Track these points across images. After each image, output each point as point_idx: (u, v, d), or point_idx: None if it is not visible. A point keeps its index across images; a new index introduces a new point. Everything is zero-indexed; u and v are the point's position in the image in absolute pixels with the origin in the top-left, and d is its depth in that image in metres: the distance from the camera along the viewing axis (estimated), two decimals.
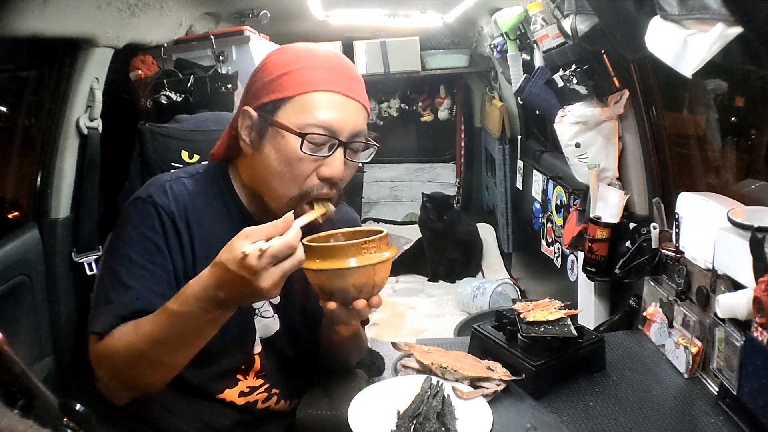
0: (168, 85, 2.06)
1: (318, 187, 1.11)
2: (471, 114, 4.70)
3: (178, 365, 1.06)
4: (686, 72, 0.94)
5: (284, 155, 1.09)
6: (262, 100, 1.12)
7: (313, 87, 1.09)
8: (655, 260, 1.61)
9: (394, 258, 1.07)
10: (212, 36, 2.31)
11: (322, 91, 1.09)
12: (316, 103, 1.09)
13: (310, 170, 1.10)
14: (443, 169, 4.95)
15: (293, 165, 1.09)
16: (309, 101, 1.09)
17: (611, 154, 1.87)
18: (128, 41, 1.96)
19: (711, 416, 1.23)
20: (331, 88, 1.10)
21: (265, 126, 1.11)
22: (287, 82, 1.10)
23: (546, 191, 2.78)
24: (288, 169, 1.10)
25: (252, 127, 1.13)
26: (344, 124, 1.10)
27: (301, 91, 1.09)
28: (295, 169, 1.09)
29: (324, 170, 1.10)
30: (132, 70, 2.17)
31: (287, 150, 1.09)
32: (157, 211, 1.13)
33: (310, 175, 1.10)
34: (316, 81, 1.10)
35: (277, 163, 1.10)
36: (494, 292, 3.31)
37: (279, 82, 1.10)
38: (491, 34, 2.94)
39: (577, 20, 1.58)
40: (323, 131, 1.08)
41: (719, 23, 0.87)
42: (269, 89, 1.11)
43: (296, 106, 1.09)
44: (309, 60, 1.12)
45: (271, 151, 1.11)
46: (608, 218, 1.82)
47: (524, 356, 1.34)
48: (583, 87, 1.87)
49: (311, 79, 1.10)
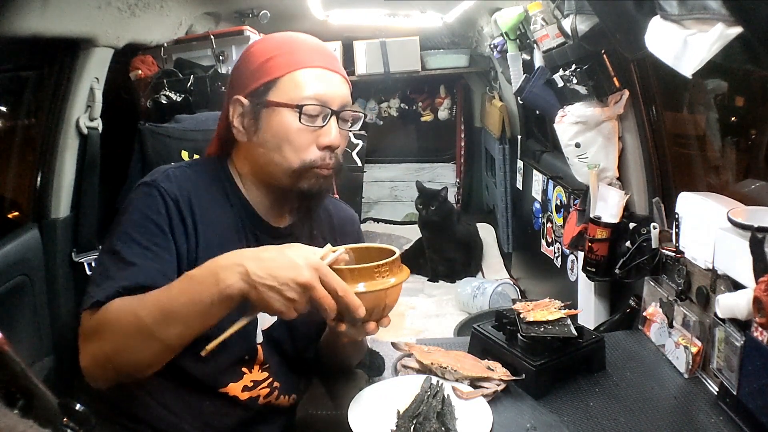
0: (168, 85, 2.06)
1: (320, 158, 1.17)
2: (471, 114, 4.70)
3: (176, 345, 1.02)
4: (686, 72, 0.94)
5: (282, 130, 1.15)
6: (252, 86, 1.17)
7: (298, 65, 1.16)
8: (655, 260, 1.61)
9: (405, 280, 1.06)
10: (212, 36, 2.32)
11: (307, 67, 1.16)
12: (305, 79, 1.16)
13: (309, 141, 1.16)
14: (443, 169, 4.95)
15: (292, 138, 1.15)
16: (298, 78, 1.15)
17: (611, 154, 1.87)
18: (128, 41, 1.96)
19: (711, 416, 1.23)
20: (315, 64, 1.17)
21: (258, 109, 1.16)
22: (273, 65, 1.16)
23: (546, 191, 2.78)
24: (287, 142, 1.15)
25: (244, 114, 1.18)
26: (333, 95, 1.17)
27: (288, 70, 1.16)
28: (294, 142, 1.15)
29: (323, 139, 1.16)
30: (132, 70, 2.17)
31: (285, 124, 1.15)
32: (162, 195, 1.14)
33: (310, 146, 1.16)
34: (300, 60, 1.17)
35: (276, 139, 1.16)
36: (494, 292, 3.31)
37: (265, 67, 1.17)
38: (491, 34, 2.94)
39: (577, 20, 1.58)
40: (315, 102, 1.15)
41: (719, 23, 0.87)
42: (257, 75, 1.17)
43: (286, 84, 1.15)
44: (289, 44, 1.20)
45: (268, 129, 1.16)
46: (608, 218, 1.82)
47: (524, 356, 1.34)
48: (583, 87, 1.87)
49: (296, 59, 1.17)
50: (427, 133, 4.93)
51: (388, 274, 1.02)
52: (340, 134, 1.20)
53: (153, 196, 1.14)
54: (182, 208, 1.15)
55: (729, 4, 0.85)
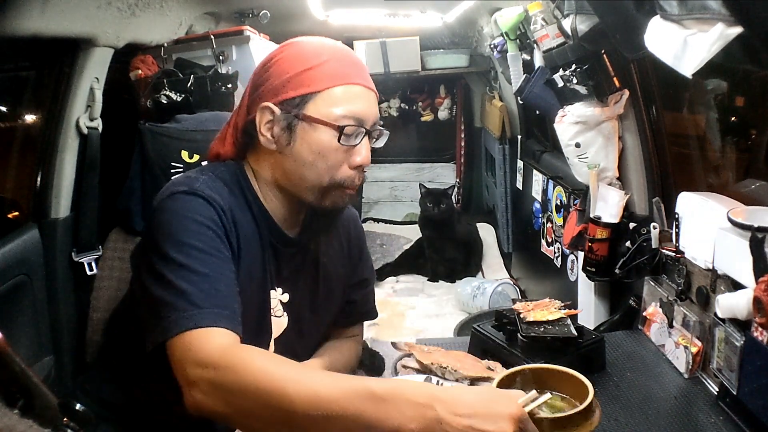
0: (168, 84, 2.06)
1: (350, 179, 1.16)
2: (471, 114, 4.70)
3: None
4: (686, 72, 0.94)
5: (318, 147, 1.12)
6: (287, 95, 1.13)
7: (339, 81, 1.13)
8: (655, 260, 1.61)
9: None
10: (212, 36, 2.31)
11: (347, 84, 1.13)
12: (345, 96, 1.13)
13: (342, 160, 1.14)
14: (443, 169, 4.94)
15: (327, 156, 1.13)
16: (338, 94, 1.12)
17: (611, 154, 1.87)
18: (128, 41, 1.96)
19: (711, 416, 1.23)
20: (353, 80, 1.14)
21: (292, 120, 1.12)
22: (312, 77, 1.12)
23: (546, 191, 2.78)
24: (321, 160, 1.13)
25: (275, 122, 1.14)
26: (368, 114, 1.15)
27: (329, 85, 1.12)
28: (329, 160, 1.13)
29: (356, 159, 1.15)
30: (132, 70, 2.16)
31: (321, 142, 1.12)
32: (208, 203, 1.09)
33: (342, 165, 1.14)
34: (340, 74, 1.13)
35: (309, 155, 1.13)
36: (494, 292, 3.31)
37: (303, 77, 1.12)
38: (491, 34, 2.93)
39: (577, 20, 1.58)
40: (354, 122, 1.13)
41: (719, 23, 0.87)
42: (293, 84, 1.13)
43: (326, 99, 1.12)
44: (329, 54, 1.15)
45: (303, 143, 1.13)
46: (608, 218, 1.82)
47: (524, 356, 1.34)
48: (583, 87, 1.87)
49: (336, 73, 1.13)
50: (427, 133, 4.93)
51: (584, 421, 0.94)
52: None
53: (200, 203, 1.08)
54: (227, 218, 1.11)
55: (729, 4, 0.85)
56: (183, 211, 1.07)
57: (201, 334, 0.96)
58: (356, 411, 0.84)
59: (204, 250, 1.04)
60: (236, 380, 0.90)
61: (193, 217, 1.06)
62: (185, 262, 1.02)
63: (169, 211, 1.08)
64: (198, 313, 0.98)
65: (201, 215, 1.07)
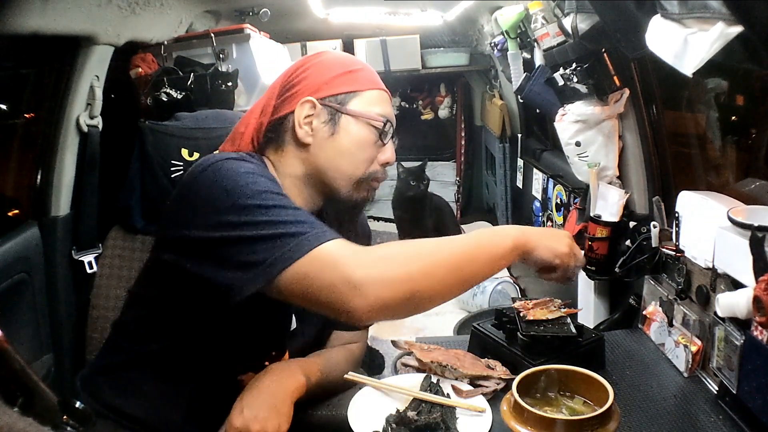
0: (168, 82, 2.06)
1: (379, 171, 1.28)
2: (471, 112, 4.70)
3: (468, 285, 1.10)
4: (687, 71, 0.94)
5: (359, 139, 1.23)
6: (331, 92, 1.23)
7: (375, 85, 1.27)
8: (655, 259, 1.60)
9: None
10: (212, 34, 2.31)
11: (380, 89, 1.28)
12: (379, 99, 1.27)
13: (374, 155, 1.26)
14: (443, 168, 4.94)
15: (366, 149, 1.24)
16: (375, 96, 1.26)
17: (611, 152, 1.87)
18: (128, 39, 1.96)
19: (710, 415, 1.23)
20: (382, 87, 1.30)
21: (336, 114, 1.22)
22: (355, 78, 1.25)
23: (546, 190, 2.78)
24: (361, 152, 1.24)
25: (315, 116, 1.22)
26: (392, 117, 1.29)
27: (371, 87, 1.26)
28: (366, 153, 1.24)
29: (385, 156, 1.27)
30: (132, 68, 2.16)
31: (361, 135, 1.23)
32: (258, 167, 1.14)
33: (374, 159, 1.26)
34: (374, 81, 1.28)
35: (351, 145, 1.23)
36: (494, 291, 3.31)
37: (346, 77, 1.24)
38: (492, 32, 2.93)
39: (577, 19, 1.58)
40: (390, 121, 1.26)
41: (720, 22, 0.87)
42: (337, 83, 1.24)
43: (366, 99, 1.25)
44: (361, 64, 1.30)
45: (346, 136, 1.23)
46: (608, 217, 1.82)
47: (524, 355, 1.34)
48: (584, 86, 1.87)
49: (372, 79, 1.28)
50: (428, 132, 4.92)
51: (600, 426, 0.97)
52: None
53: (256, 166, 1.12)
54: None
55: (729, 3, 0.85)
56: (244, 169, 1.08)
57: (333, 246, 1.00)
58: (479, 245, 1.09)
59: (282, 194, 1.08)
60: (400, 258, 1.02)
61: (258, 173, 1.09)
62: (275, 204, 1.03)
63: (226, 172, 1.07)
64: (324, 231, 1.01)
65: (263, 172, 1.12)
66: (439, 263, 1.02)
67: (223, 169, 1.08)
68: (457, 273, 1.04)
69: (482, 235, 1.12)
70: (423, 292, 1.01)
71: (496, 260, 1.09)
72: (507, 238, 1.11)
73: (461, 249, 1.06)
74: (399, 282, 0.98)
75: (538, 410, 1.00)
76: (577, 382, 1.09)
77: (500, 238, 1.11)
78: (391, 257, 1.01)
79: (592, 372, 1.09)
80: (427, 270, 1.01)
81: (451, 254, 1.04)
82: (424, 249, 1.04)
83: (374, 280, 0.97)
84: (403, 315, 1.05)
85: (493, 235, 1.12)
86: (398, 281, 0.98)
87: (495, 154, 4.00)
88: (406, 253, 1.03)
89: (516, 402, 1.01)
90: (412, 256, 1.02)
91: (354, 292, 0.96)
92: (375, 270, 0.98)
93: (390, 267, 0.99)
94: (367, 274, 0.97)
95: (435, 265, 1.02)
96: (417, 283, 0.99)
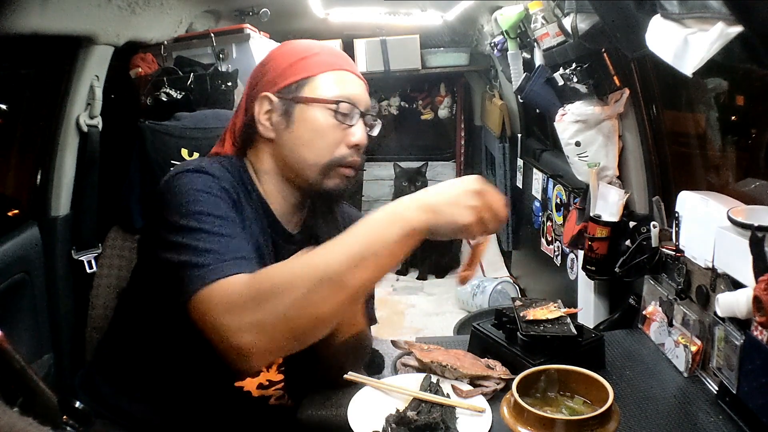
0: (168, 82, 2.06)
1: (348, 155, 1.21)
2: (471, 112, 4.70)
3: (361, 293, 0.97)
4: (686, 71, 0.94)
5: (315, 125, 1.19)
6: (284, 83, 1.20)
7: (331, 67, 1.22)
8: (655, 259, 1.61)
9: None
10: (212, 34, 2.31)
11: (338, 70, 1.22)
12: (338, 79, 1.21)
13: (339, 139, 1.20)
14: (443, 168, 4.94)
15: (325, 134, 1.19)
16: (331, 78, 1.21)
17: (611, 152, 1.87)
18: (128, 39, 1.95)
19: (710, 415, 1.23)
20: (344, 67, 1.24)
21: (290, 105, 1.19)
22: (307, 64, 1.21)
23: (546, 190, 2.78)
24: (320, 137, 1.19)
25: (273, 110, 1.21)
26: (361, 98, 1.23)
27: (325, 69, 1.21)
28: (327, 138, 1.19)
29: (352, 138, 1.20)
30: (132, 68, 2.16)
31: (318, 120, 1.19)
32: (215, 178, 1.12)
33: (339, 143, 1.20)
34: (331, 62, 1.23)
35: (308, 133, 1.19)
36: (494, 291, 3.31)
37: (298, 65, 1.21)
38: (491, 32, 2.93)
39: (577, 19, 1.58)
40: (349, 101, 1.20)
41: (720, 22, 0.87)
42: (289, 73, 1.21)
43: (320, 83, 1.20)
44: (318, 48, 1.25)
45: (301, 124, 1.19)
46: (608, 217, 1.82)
47: (524, 355, 1.34)
48: (584, 85, 1.87)
49: (327, 61, 1.22)
50: (428, 132, 4.93)
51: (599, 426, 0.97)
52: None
53: (209, 180, 1.11)
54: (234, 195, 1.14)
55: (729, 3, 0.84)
56: (191, 185, 1.09)
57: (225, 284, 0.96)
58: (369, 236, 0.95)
59: (216, 215, 1.06)
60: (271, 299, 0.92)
61: (203, 189, 1.09)
62: (199, 227, 1.03)
63: (177, 186, 1.09)
64: (219, 266, 0.98)
65: (210, 188, 1.10)
66: (315, 287, 0.91)
67: (174, 183, 1.10)
68: (343, 288, 0.93)
69: (369, 230, 0.96)
70: (304, 326, 0.94)
71: (390, 256, 0.95)
72: (398, 227, 0.94)
73: (343, 258, 0.93)
74: (272, 325, 0.92)
75: (538, 410, 1.00)
76: (577, 382, 1.09)
77: (392, 229, 0.94)
78: (264, 296, 0.92)
79: (592, 372, 1.09)
80: (301, 302, 0.91)
81: (327, 271, 0.92)
82: (296, 275, 0.93)
83: (247, 328, 0.92)
84: (297, 349, 0.98)
85: (384, 227, 0.95)
86: (271, 325, 0.92)
87: (495, 154, 4.00)
88: (278, 286, 0.93)
89: (516, 402, 1.01)
90: (284, 290, 0.92)
91: (229, 342, 0.92)
92: (247, 318, 0.92)
93: (262, 310, 0.92)
94: (239, 324, 0.92)
95: (312, 290, 0.91)
96: (293, 321, 0.92)
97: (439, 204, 0.96)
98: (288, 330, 0.93)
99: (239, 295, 0.94)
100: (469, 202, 0.96)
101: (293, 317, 0.92)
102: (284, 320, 0.92)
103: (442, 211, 0.96)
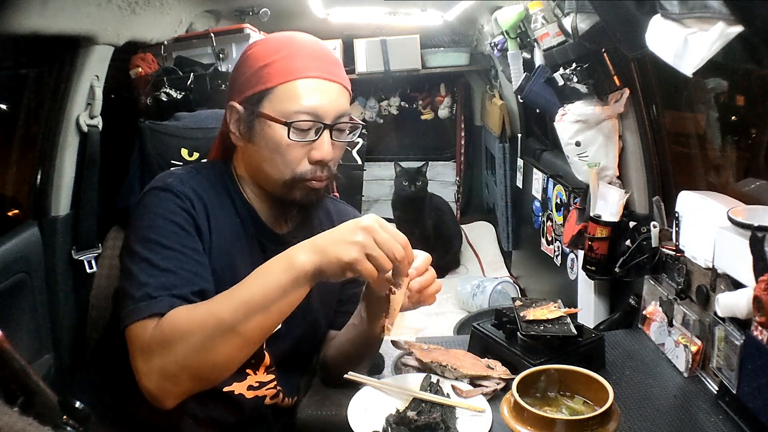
0: (168, 82, 2.06)
1: (311, 171, 1.16)
2: (471, 112, 4.70)
3: (257, 338, 1.03)
4: (687, 71, 0.94)
5: (273, 144, 1.14)
6: (247, 93, 1.16)
7: (294, 75, 1.13)
8: (655, 259, 1.61)
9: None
10: (212, 34, 2.31)
11: (303, 78, 1.13)
12: (299, 91, 1.13)
13: (301, 155, 1.15)
14: (443, 168, 4.94)
15: (283, 152, 1.14)
16: (291, 90, 1.13)
17: (611, 152, 1.87)
18: (128, 39, 1.96)
19: (710, 415, 1.23)
20: (312, 74, 1.14)
21: (252, 118, 1.15)
22: (269, 73, 1.14)
23: (546, 190, 2.78)
24: (278, 156, 1.14)
25: (240, 120, 1.17)
26: (328, 108, 1.14)
27: (283, 81, 1.13)
28: (286, 156, 1.14)
29: (315, 154, 1.15)
30: (132, 68, 2.16)
31: (275, 139, 1.13)
32: (178, 197, 1.12)
33: (302, 160, 1.15)
34: (297, 69, 1.13)
35: (267, 151, 1.15)
36: (494, 291, 3.31)
37: (261, 74, 1.14)
38: (492, 32, 2.93)
39: (577, 19, 1.58)
40: (308, 117, 1.13)
41: (720, 22, 0.87)
42: (252, 82, 1.15)
43: (280, 95, 1.13)
44: (288, 49, 1.16)
45: (261, 140, 1.15)
46: (608, 217, 1.82)
47: (524, 355, 1.34)
48: (584, 85, 1.87)
49: (292, 68, 1.13)
50: (428, 132, 4.93)
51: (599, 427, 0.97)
52: (335, 146, 1.17)
53: (169, 199, 1.12)
54: (199, 212, 1.14)
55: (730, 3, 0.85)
56: (152, 207, 1.11)
57: (145, 324, 1.00)
58: (260, 283, 0.99)
59: (167, 246, 1.07)
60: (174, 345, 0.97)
61: (162, 214, 1.10)
62: (146, 256, 1.06)
63: (141, 206, 1.13)
64: (147, 304, 1.01)
65: (169, 211, 1.10)
66: (212, 335, 0.96)
67: (142, 201, 1.14)
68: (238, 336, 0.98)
69: (263, 276, 1.00)
70: (207, 371, 1.00)
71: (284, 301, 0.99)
72: (289, 272, 0.98)
73: (239, 307, 0.97)
74: (174, 372, 0.98)
75: (538, 410, 1.00)
76: (577, 382, 1.09)
77: (284, 275, 0.98)
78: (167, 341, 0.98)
79: (592, 372, 1.09)
80: (200, 349, 0.96)
81: (224, 319, 0.97)
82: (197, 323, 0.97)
83: (154, 372, 0.98)
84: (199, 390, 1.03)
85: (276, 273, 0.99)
86: (173, 371, 0.98)
87: (495, 154, 4.00)
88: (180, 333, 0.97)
89: (516, 402, 1.01)
90: (185, 336, 0.97)
91: (141, 384, 0.99)
92: (154, 363, 0.98)
93: (166, 355, 0.97)
94: (148, 368, 0.99)
95: (209, 338, 0.96)
96: (194, 368, 0.98)
97: (325, 244, 0.98)
98: (190, 375, 0.99)
99: (150, 339, 0.99)
100: (353, 238, 0.97)
101: (193, 364, 0.97)
102: (185, 366, 0.97)
103: (327, 250, 0.97)
